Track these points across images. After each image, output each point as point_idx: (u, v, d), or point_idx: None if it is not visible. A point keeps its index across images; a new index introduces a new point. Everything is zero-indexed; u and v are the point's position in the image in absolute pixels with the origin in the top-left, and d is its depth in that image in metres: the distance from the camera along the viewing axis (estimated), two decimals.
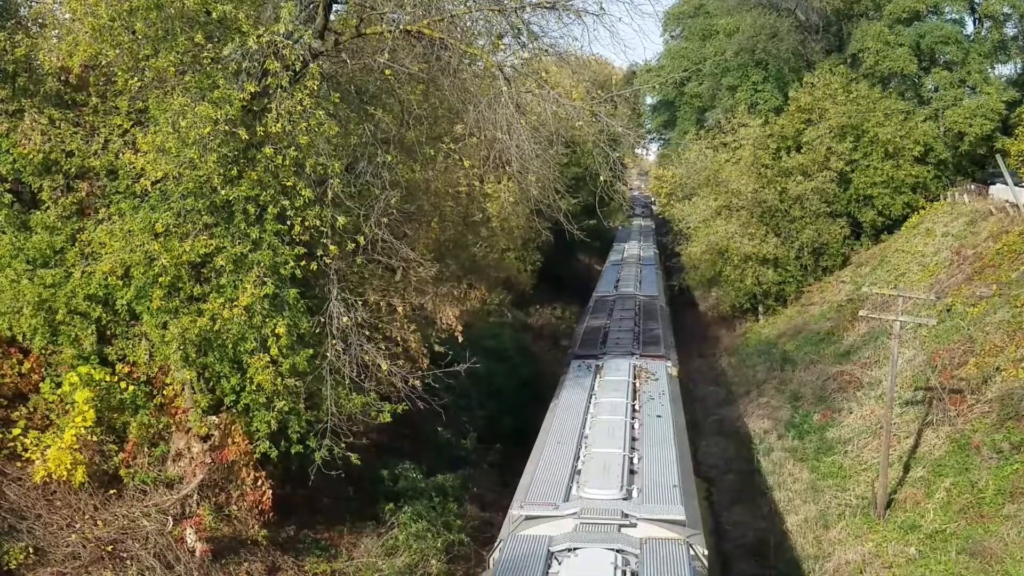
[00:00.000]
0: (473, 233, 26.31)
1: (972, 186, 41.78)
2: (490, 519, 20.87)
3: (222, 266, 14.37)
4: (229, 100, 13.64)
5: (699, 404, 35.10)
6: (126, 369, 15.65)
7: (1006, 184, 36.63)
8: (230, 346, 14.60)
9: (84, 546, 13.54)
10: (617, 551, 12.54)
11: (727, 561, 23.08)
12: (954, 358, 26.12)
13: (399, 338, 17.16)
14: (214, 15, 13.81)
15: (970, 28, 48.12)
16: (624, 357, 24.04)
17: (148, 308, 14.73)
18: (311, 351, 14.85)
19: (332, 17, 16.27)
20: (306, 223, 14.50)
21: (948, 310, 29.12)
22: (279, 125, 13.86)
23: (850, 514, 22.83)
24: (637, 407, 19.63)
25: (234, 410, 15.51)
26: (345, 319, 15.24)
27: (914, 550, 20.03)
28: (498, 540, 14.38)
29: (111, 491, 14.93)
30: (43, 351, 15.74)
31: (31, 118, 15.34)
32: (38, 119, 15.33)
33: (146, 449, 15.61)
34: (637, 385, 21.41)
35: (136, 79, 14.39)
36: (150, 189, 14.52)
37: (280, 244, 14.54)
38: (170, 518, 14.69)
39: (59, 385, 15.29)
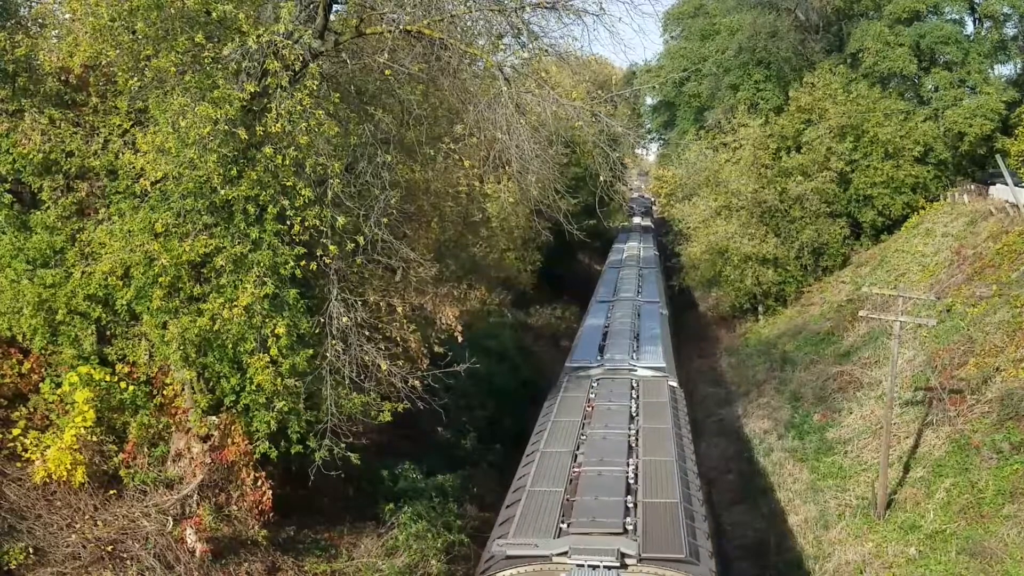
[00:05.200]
0: (473, 233, 26.29)
1: (972, 186, 41.71)
2: (490, 519, 20.83)
3: (222, 266, 14.36)
4: (229, 100, 13.63)
5: (699, 404, 35.08)
6: (126, 369, 15.64)
7: (1006, 184, 36.58)
8: (230, 346, 14.60)
9: (84, 546, 13.53)
10: None
11: (727, 561, 23.07)
12: (954, 358, 26.09)
13: (399, 338, 17.13)
14: (214, 15, 13.81)
15: (970, 28, 48.12)
16: (609, 565, 11.75)
17: (148, 308, 14.72)
18: (311, 351, 14.85)
19: (332, 17, 16.28)
20: (306, 223, 14.50)
21: (948, 310, 29.10)
22: (279, 125, 13.86)
23: (850, 514, 22.82)
24: None
25: (234, 410, 15.51)
26: (345, 319, 15.24)
27: (914, 550, 20.02)
28: None
29: (111, 491, 14.91)
30: (43, 351, 15.73)
31: (31, 118, 15.33)
32: (38, 119, 15.31)
33: (146, 449, 15.60)
34: None
35: (136, 79, 14.38)
36: (150, 189, 14.51)
37: (280, 244, 14.53)
38: (170, 518, 14.67)
39: (59, 385, 15.28)
